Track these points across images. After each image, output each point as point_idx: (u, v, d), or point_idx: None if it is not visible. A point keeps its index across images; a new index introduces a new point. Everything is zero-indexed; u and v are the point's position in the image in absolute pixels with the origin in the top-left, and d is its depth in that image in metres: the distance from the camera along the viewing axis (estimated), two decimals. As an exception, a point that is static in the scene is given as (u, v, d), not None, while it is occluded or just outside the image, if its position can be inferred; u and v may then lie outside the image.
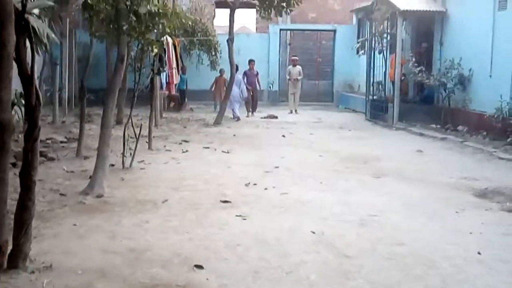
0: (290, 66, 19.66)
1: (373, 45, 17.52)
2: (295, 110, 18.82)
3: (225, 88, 16.56)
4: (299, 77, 19.09)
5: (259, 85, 18.51)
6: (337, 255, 5.10)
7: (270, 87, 21.46)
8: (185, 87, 18.79)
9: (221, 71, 18.23)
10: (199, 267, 4.70)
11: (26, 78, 4.43)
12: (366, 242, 5.46)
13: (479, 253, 5.14)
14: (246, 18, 24.20)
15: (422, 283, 4.49)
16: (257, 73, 18.28)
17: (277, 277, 4.59)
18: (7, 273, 4.30)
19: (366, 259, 5.01)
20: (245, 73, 17.73)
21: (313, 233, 5.73)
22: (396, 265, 4.84)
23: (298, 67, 19.22)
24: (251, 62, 18.03)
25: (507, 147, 11.40)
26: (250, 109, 17.90)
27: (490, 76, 13.12)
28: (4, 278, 4.21)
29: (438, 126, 14.39)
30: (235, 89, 16.11)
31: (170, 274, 4.54)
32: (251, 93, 17.79)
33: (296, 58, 19.82)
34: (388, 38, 16.66)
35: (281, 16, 17.52)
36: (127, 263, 4.73)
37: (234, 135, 13.35)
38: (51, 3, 7.66)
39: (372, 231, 5.81)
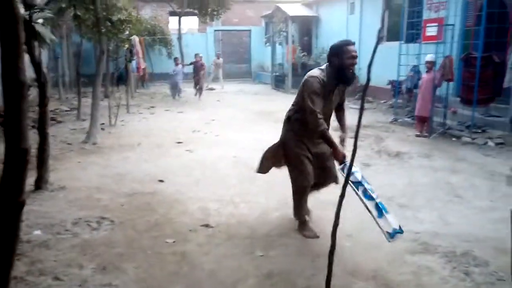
0: (215, 58, 18.08)
1: (274, 39, 17.62)
2: (222, 86, 17.54)
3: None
4: (221, 65, 17.89)
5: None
6: (248, 169, 5.37)
7: (210, 72, 20.87)
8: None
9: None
10: (161, 181, 4.93)
11: (36, 64, 4.39)
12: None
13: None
14: (192, 22, 23.52)
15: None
16: (202, 65, 15.60)
17: (211, 183, 4.90)
18: (35, 192, 4.40)
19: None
20: (191, 63, 15.52)
21: (235, 157, 6.03)
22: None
23: (221, 59, 18.10)
24: (197, 55, 15.57)
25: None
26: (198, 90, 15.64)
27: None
28: (33, 195, 4.31)
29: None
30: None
31: (143, 186, 4.74)
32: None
33: (219, 53, 18.55)
34: (284, 34, 16.85)
35: (213, 21, 17.21)
36: (115, 182, 4.88)
37: (186, 101, 13.32)
38: (51, 15, 7.33)
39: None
